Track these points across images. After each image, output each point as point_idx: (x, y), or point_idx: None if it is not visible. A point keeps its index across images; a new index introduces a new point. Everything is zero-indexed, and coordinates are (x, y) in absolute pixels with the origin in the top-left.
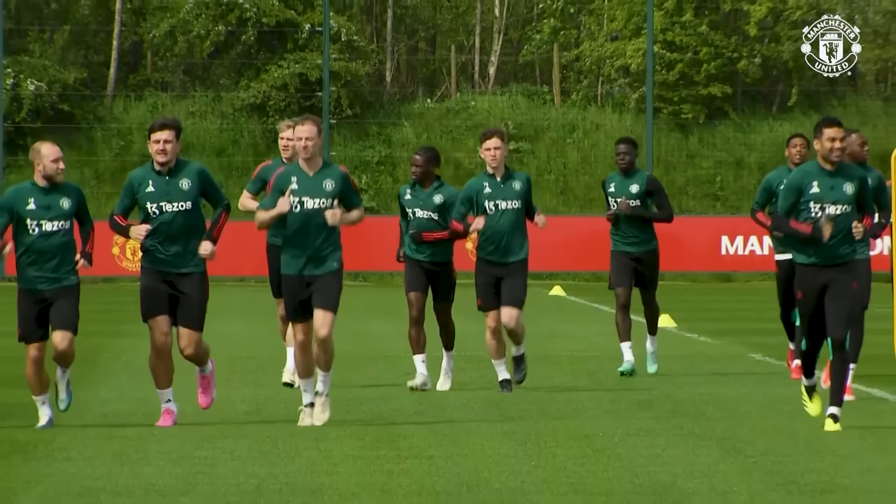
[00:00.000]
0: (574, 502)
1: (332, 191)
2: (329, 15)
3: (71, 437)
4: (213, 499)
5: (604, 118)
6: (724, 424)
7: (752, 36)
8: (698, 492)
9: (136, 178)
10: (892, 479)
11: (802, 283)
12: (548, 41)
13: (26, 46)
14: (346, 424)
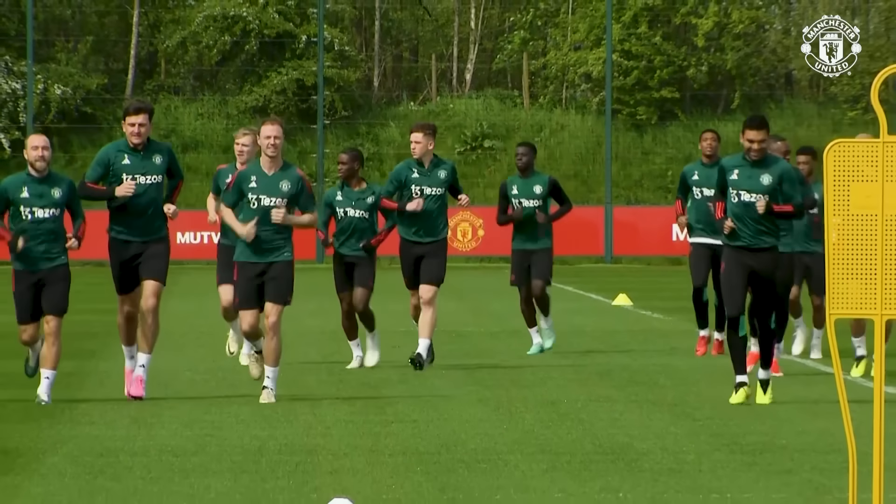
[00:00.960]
0: (541, 461)
1: (287, 192)
2: (323, 27)
3: (93, 403)
4: (220, 458)
5: (568, 119)
6: (674, 392)
7: (699, 46)
8: (651, 451)
9: (111, 151)
10: (822, 440)
11: (728, 258)
12: (518, 50)
13: (53, 55)
14: (339, 392)
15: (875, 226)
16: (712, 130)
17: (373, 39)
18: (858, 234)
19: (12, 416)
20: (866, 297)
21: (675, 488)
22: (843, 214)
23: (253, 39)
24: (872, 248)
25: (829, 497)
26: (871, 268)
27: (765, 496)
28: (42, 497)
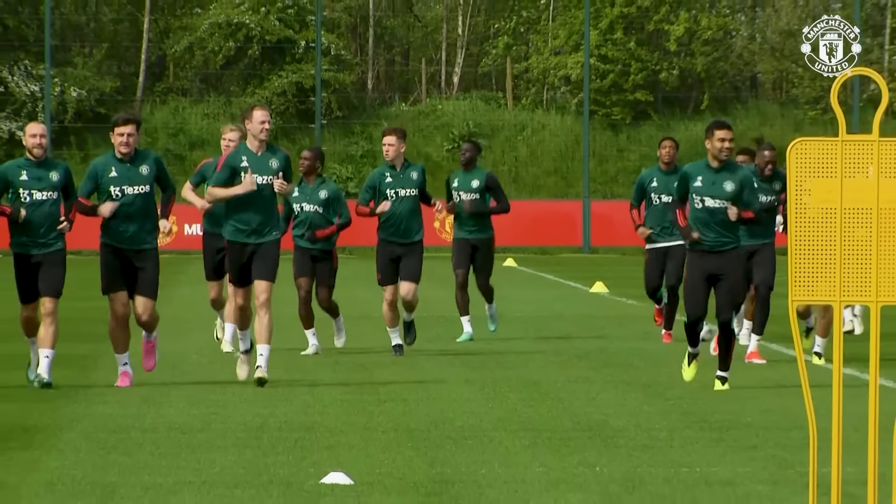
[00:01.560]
0: (523, 437)
1: (276, 168)
2: (321, 33)
3: (106, 384)
4: (224, 435)
5: (548, 119)
6: (647, 373)
7: (671, 51)
8: (626, 428)
9: (100, 165)
10: (785, 418)
11: (690, 262)
12: (502, 55)
13: (70, 60)
14: (334, 373)
15: (834, 219)
16: (671, 138)
17: (367, 45)
18: (819, 226)
19: (31, 395)
20: (826, 284)
21: (648, 463)
22: (805, 208)
23: (255, 45)
24: (832, 240)
25: (791, 471)
26: (830, 257)
27: (731, 470)
28: (59, 470)
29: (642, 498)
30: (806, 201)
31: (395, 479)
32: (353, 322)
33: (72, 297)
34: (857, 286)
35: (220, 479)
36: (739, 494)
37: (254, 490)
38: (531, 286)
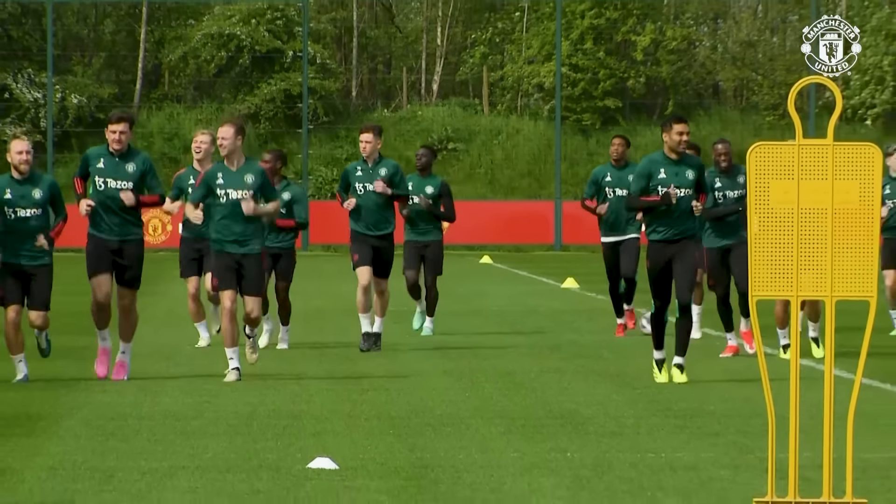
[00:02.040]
0: (499, 425)
1: (252, 184)
2: (307, 44)
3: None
4: (216, 422)
5: (522, 124)
6: (616, 364)
7: (638, 60)
8: (595, 416)
9: (94, 153)
10: (746, 406)
11: (652, 254)
12: (478, 64)
13: (71, 68)
14: (320, 364)
15: (791, 218)
16: (621, 136)
17: (351, 54)
18: (777, 225)
19: (34, 385)
20: (784, 280)
21: (617, 448)
22: (764, 208)
23: (246, 54)
24: (789, 238)
25: (751, 456)
26: (788, 255)
27: (695, 455)
28: (60, 455)
29: (611, 482)
30: (765, 202)
31: (378, 464)
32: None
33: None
34: (813, 282)
35: (212, 463)
36: (702, 478)
37: (244, 474)
38: (506, 282)
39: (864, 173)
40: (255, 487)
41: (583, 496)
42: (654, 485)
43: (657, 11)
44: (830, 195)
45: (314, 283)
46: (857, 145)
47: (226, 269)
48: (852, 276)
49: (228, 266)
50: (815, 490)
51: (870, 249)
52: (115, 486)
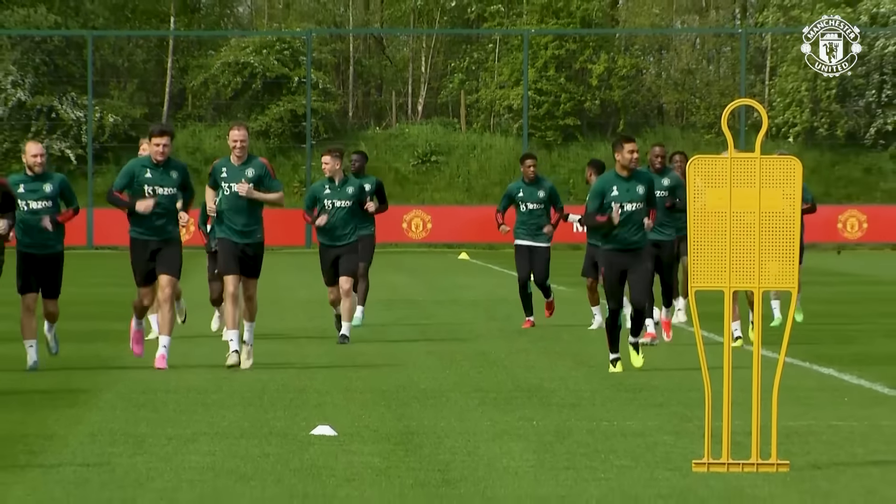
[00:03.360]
0: (474, 398)
1: (252, 177)
2: (311, 71)
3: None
4: (232, 395)
5: (494, 140)
6: (574, 346)
7: (593, 85)
8: (557, 390)
9: (136, 165)
10: (686, 382)
11: (606, 262)
12: (457, 88)
13: (108, 92)
14: (321, 346)
15: (725, 220)
16: (532, 156)
17: (348, 80)
18: (712, 226)
19: (77, 364)
20: (718, 273)
21: (575, 418)
22: (702, 212)
23: (258, 80)
24: (723, 237)
25: (691, 424)
26: (722, 252)
27: (642, 423)
28: (99, 424)
29: (570, 446)
30: (702, 206)
31: (371, 430)
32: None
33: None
34: (743, 275)
35: (228, 430)
36: (649, 443)
37: (256, 440)
38: (481, 275)
39: (786, 182)
40: (265, 451)
41: (546, 458)
42: (608, 448)
43: (610, 43)
44: (758, 200)
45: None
46: (780, 158)
47: (230, 255)
48: (776, 269)
49: (233, 253)
50: (745, 453)
51: (791, 246)
52: (146, 450)
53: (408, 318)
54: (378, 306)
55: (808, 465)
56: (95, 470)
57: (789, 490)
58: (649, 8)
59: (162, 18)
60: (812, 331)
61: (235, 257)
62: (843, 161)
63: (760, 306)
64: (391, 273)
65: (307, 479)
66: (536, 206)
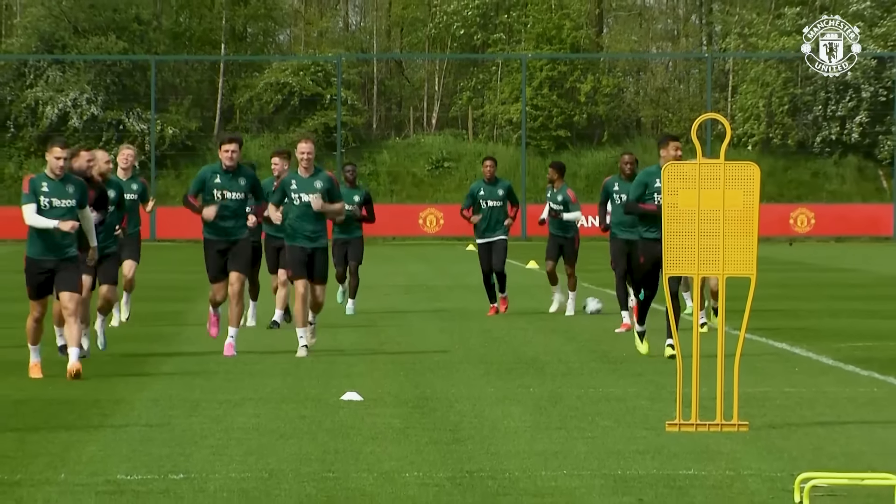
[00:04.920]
0: (480, 368)
1: (321, 188)
2: (341, 89)
3: (194, 330)
4: (274, 366)
5: (497, 148)
6: (565, 323)
7: (581, 102)
8: (551, 362)
9: (208, 171)
10: (662, 354)
11: (644, 251)
12: (465, 104)
13: (168, 108)
14: (349, 326)
15: (694, 217)
16: (492, 158)
17: (372, 97)
18: (684, 222)
19: (142, 339)
20: (688, 261)
21: (566, 385)
22: (675, 210)
23: (296, 98)
24: (693, 231)
25: (665, 391)
26: (691, 243)
27: (623, 390)
28: (160, 390)
29: (562, 409)
30: (675, 205)
31: (392, 396)
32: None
33: (170, 271)
34: (709, 263)
35: (271, 396)
36: (629, 406)
37: (294, 404)
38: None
39: (746, 184)
40: (301, 414)
41: (541, 419)
42: (594, 411)
43: (595, 66)
44: (722, 200)
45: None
46: (740, 164)
47: (299, 261)
48: (738, 258)
49: (301, 259)
50: (711, 415)
51: (751, 240)
52: (200, 413)
53: (424, 300)
54: (398, 291)
55: (765, 426)
56: (157, 429)
57: (748, 446)
58: (629, 36)
59: (214, 45)
60: (768, 311)
61: (304, 263)
62: (794, 166)
63: (724, 292)
64: (410, 262)
65: (338, 438)
66: (496, 203)
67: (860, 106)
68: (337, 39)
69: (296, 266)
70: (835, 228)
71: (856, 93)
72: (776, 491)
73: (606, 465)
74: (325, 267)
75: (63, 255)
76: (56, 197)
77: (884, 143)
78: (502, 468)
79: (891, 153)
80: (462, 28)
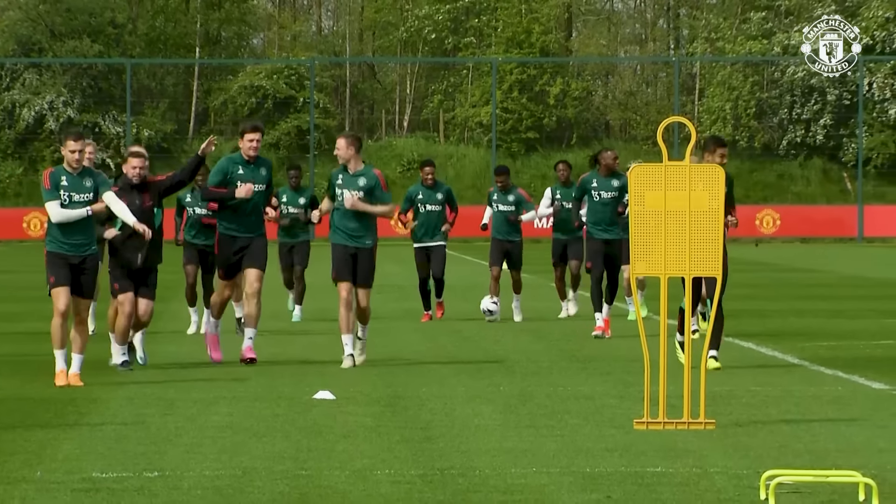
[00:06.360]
0: (451, 367)
1: (364, 186)
2: (314, 92)
3: (170, 333)
4: (247, 366)
5: (468, 151)
6: (535, 323)
7: (551, 104)
8: (520, 360)
9: (229, 163)
10: (629, 353)
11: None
12: (437, 107)
13: (143, 111)
14: (322, 328)
15: (660, 218)
16: (431, 164)
17: (345, 100)
18: (651, 222)
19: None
20: (655, 262)
21: (536, 384)
22: (641, 210)
23: (269, 100)
24: (659, 232)
25: (633, 388)
26: (658, 244)
27: (591, 388)
28: (135, 388)
29: (532, 408)
30: (642, 206)
31: (364, 395)
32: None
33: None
34: (675, 264)
35: (245, 395)
36: (597, 405)
37: (267, 403)
38: (456, 265)
39: (711, 186)
40: (275, 412)
41: (511, 418)
42: (563, 409)
43: (565, 69)
44: (688, 201)
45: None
46: (705, 166)
47: (343, 263)
48: (703, 258)
49: (344, 259)
50: (678, 413)
51: (716, 240)
52: (175, 411)
53: (396, 300)
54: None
55: (731, 424)
56: (132, 428)
57: (715, 444)
58: (597, 40)
59: (189, 49)
60: (735, 311)
61: (348, 265)
62: (760, 168)
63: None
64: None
65: (310, 436)
66: (434, 208)
67: (825, 109)
68: (310, 43)
69: (339, 267)
70: (800, 229)
71: (821, 96)
72: (742, 488)
73: (575, 462)
74: (369, 269)
75: (84, 252)
76: (74, 191)
77: (848, 146)
78: (472, 466)
79: (855, 155)
80: (433, 32)
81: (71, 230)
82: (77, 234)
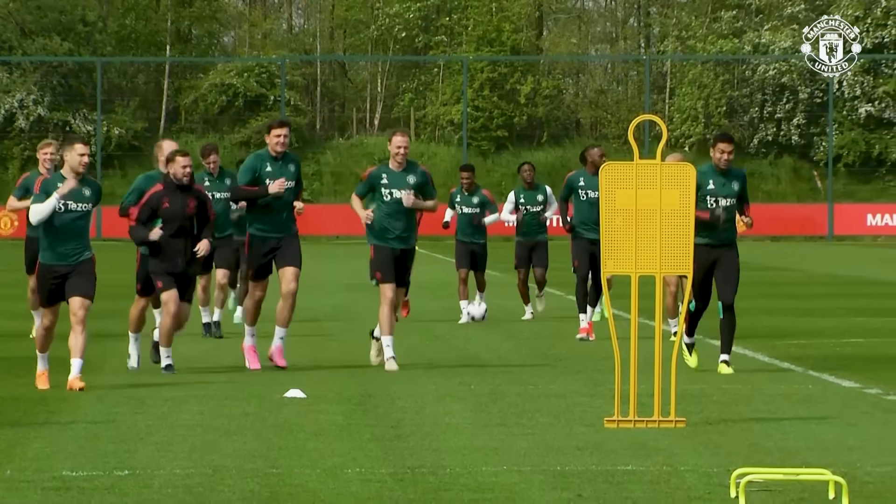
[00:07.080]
0: (422, 367)
1: (413, 184)
2: (284, 90)
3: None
4: (218, 365)
5: (439, 149)
6: (506, 323)
7: (521, 103)
8: (491, 360)
9: (257, 160)
10: (599, 352)
11: (697, 258)
12: (408, 105)
13: (113, 109)
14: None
15: (631, 217)
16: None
17: (316, 98)
18: (622, 221)
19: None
20: (627, 260)
21: (507, 382)
22: (612, 209)
23: (240, 98)
24: (630, 230)
25: (603, 387)
26: (629, 242)
27: (563, 387)
28: (106, 387)
29: (502, 406)
30: (613, 204)
31: (335, 393)
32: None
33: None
34: (647, 262)
35: (215, 393)
36: (568, 403)
37: (238, 401)
38: (427, 263)
39: (682, 184)
40: (245, 411)
41: (482, 416)
42: (534, 408)
43: (535, 68)
44: (659, 200)
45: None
46: (677, 164)
47: (389, 264)
48: (675, 257)
49: (391, 261)
50: (649, 412)
51: (687, 238)
52: (145, 410)
53: (366, 299)
54: (342, 289)
55: (702, 422)
56: (102, 426)
57: (685, 442)
58: (568, 38)
59: (160, 47)
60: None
61: (393, 266)
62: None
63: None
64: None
65: (281, 434)
66: None
67: (797, 108)
68: (281, 41)
69: (384, 269)
70: (770, 228)
71: (793, 94)
72: (712, 486)
73: (546, 460)
74: (407, 273)
75: (77, 259)
76: (73, 200)
77: (819, 145)
78: (443, 464)
79: (826, 154)
80: (404, 30)
81: (66, 237)
82: (72, 241)
